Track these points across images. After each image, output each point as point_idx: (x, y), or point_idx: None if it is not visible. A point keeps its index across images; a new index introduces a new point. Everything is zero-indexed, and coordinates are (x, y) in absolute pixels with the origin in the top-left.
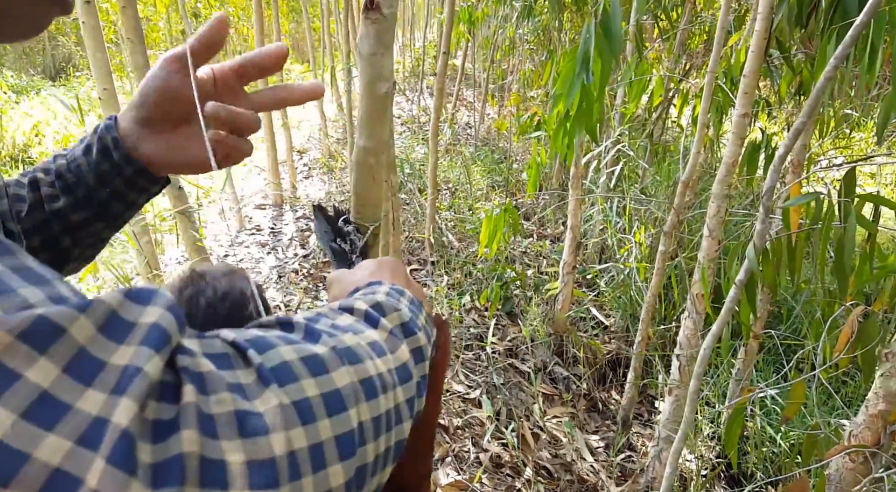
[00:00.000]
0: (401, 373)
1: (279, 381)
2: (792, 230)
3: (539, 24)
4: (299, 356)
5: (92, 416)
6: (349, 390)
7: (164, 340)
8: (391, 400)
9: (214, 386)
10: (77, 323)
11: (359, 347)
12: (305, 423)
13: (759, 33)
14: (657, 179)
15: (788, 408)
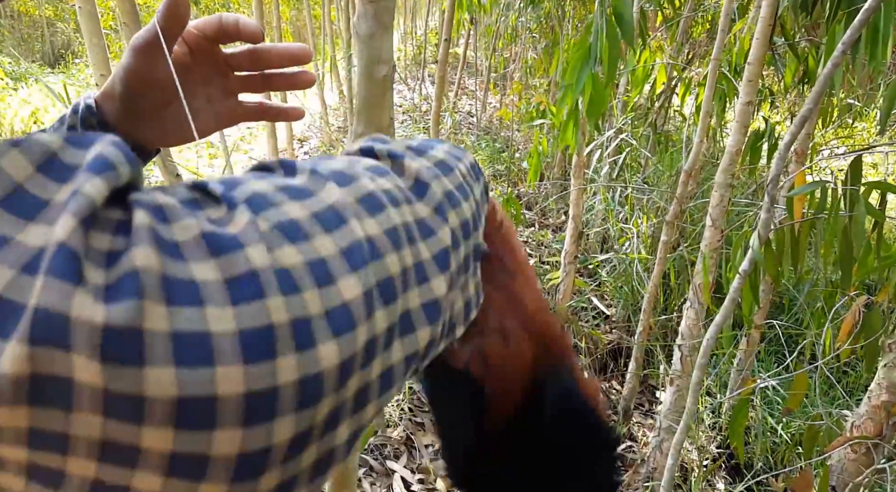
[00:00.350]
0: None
1: (254, 209)
2: (796, 219)
3: (542, 12)
4: (276, 186)
5: (37, 247)
6: (344, 207)
7: (106, 166)
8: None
9: (176, 215)
10: (9, 156)
11: (378, 194)
12: (295, 240)
13: (764, 20)
14: (659, 169)
15: (790, 400)
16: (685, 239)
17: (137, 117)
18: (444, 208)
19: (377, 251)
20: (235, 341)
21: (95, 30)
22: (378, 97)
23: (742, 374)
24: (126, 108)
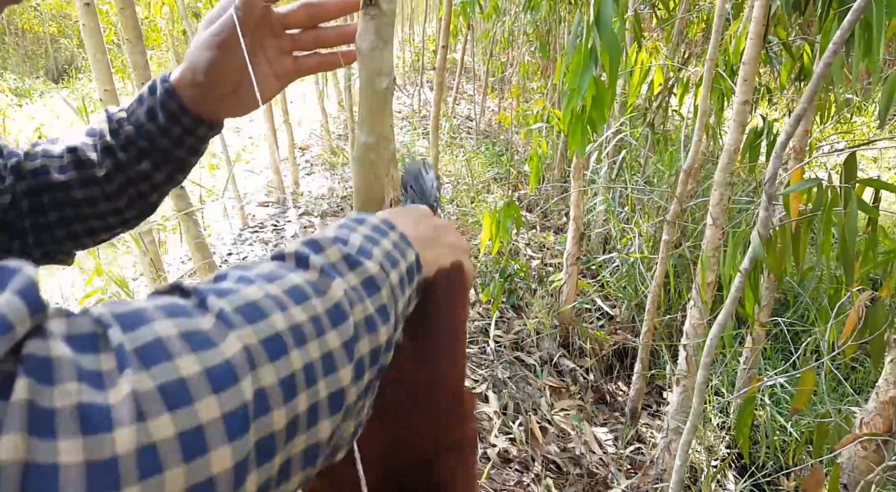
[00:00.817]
0: (332, 315)
1: (144, 362)
2: (793, 217)
3: (538, 17)
4: (178, 331)
5: None
6: (240, 357)
7: (1, 330)
8: (313, 351)
9: (61, 375)
10: None
11: (265, 300)
12: (173, 407)
13: (757, 20)
14: (659, 168)
15: (798, 397)
16: (687, 238)
17: (214, 100)
18: (353, 340)
19: (265, 406)
20: None
21: (99, 46)
22: (380, 108)
23: (748, 372)
24: (204, 95)
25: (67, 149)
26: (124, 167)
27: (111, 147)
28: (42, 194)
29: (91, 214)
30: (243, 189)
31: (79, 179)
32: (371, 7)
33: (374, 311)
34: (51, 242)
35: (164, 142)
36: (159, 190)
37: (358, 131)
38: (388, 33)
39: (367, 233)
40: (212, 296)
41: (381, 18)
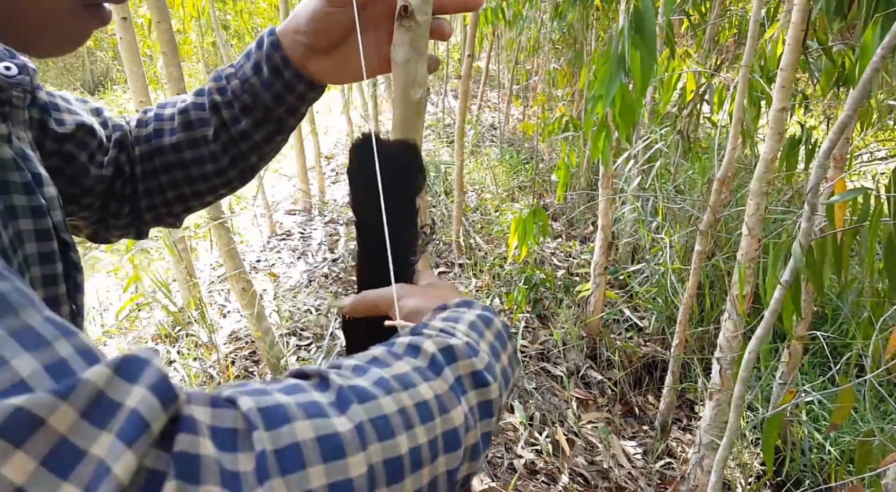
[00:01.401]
0: (447, 439)
1: (283, 468)
2: (837, 228)
3: (565, 24)
4: (315, 435)
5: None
6: (364, 480)
7: (140, 431)
8: (425, 477)
9: (207, 475)
10: (58, 412)
11: (396, 416)
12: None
13: (796, 25)
14: (690, 177)
15: (836, 414)
16: (720, 248)
17: (315, 52)
18: (458, 468)
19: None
20: None
21: (135, 59)
22: (413, 118)
23: (785, 387)
24: (306, 45)
25: (178, 111)
26: (227, 126)
27: (217, 105)
28: (154, 158)
29: (198, 175)
30: (271, 197)
31: (187, 140)
32: (406, 19)
33: (481, 437)
34: (162, 206)
35: (266, 97)
36: (259, 151)
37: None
38: (422, 45)
39: (492, 341)
40: (351, 396)
41: (416, 30)
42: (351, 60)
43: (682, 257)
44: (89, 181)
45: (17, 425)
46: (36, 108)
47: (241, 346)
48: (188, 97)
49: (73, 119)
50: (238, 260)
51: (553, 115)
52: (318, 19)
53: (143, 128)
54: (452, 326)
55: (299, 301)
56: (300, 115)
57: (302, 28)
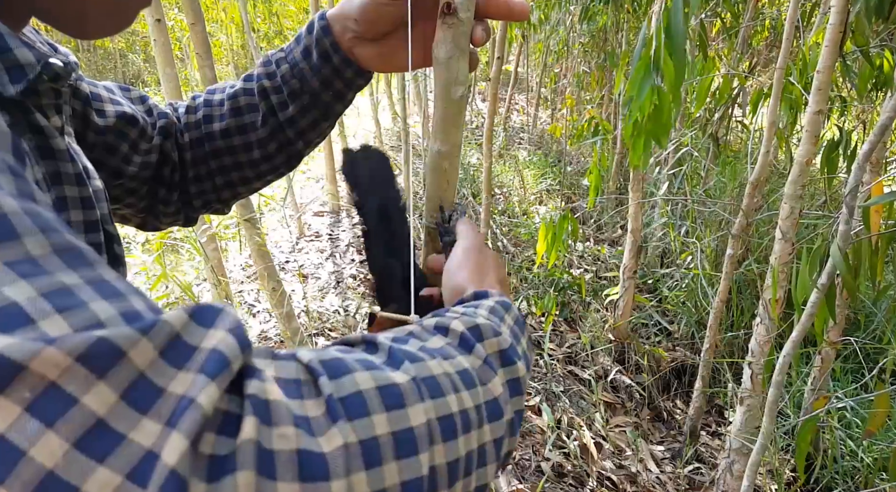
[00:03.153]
0: (491, 408)
1: (349, 413)
2: (872, 231)
3: (595, 27)
4: (375, 385)
5: (144, 449)
6: (424, 430)
7: (222, 367)
8: (474, 440)
9: (279, 417)
10: (138, 346)
11: (444, 378)
12: (370, 466)
13: (834, 27)
14: (721, 181)
15: (872, 420)
16: (751, 253)
17: (363, 38)
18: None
19: (433, 485)
20: None
21: (168, 61)
22: (454, 116)
23: (816, 393)
24: (355, 33)
25: (227, 96)
26: (275, 111)
27: (266, 90)
28: (204, 144)
29: (246, 161)
30: (300, 199)
31: (236, 126)
32: (449, 16)
33: (515, 414)
34: (211, 191)
35: (314, 82)
36: (305, 137)
37: (432, 140)
38: (464, 42)
39: (512, 326)
40: (401, 356)
41: (459, 27)
42: (397, 50)
43: (713, 262)
44: (134, 168)
45: (100, 355)
46: (78, 101)
47: (270, 346)
48: (238, 83)
49: (114, 109)
50: (269, 258)
51: (582, 118)
52: (369, 10)
53: (193, 114)
54: (474, 310)
55: (327, 302)
56: (347, 101)
57: (353, 15)
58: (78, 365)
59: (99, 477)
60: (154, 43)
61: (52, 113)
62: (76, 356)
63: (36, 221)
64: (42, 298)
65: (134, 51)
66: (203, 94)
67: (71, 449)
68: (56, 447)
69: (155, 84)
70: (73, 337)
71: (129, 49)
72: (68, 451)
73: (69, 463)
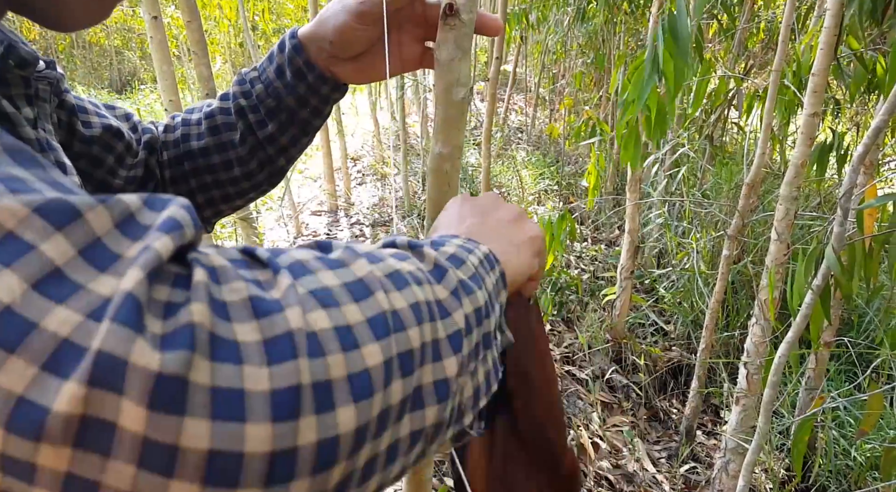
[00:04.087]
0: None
1: (294, 274)
2: (866, 233)
3: (591, 28)
4: (315, 256)
5: (103, 297)
6: (373, 280)
7: (175, 226)
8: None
9: (227, 277)
10: (95, 211)
11: (401, 275)
12: (327, 306)
13: (829, 30)
14: (717, 182)
15: (866, 420)
16: (747, 253)
17: (338, 59)
18: (458, 293)
19: (400, 323)
20: (266, 400)
21: (165, 58)
22: (456, 118)
23: (811, 393)
24: (330, 54)
25: (204, 115)
26: (254, 129)
27: (243, 109)
28: (183, 163)
29: (226, 179)
30: (297, 198)
31: (215, 145)
32: (451, 17)
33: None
34: None
35: (290, 100)
36: (286, 154)
37: (433, 141)
38: (466, 44)
39: (476, 263)
40: (358, 250)
41: (461, 29)
42: (374, 64)
43: (709, 262)
44: (119, 182)
45: (58, 211)
46: (64, 111)
47: None
48: (214, 102)
49: (99, 122)
50: None
51: (579, 119)
52: (345, 33)
53: (171, 133)
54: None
55: None
56: (324, 115)
57: (329, 38)
58: (35, 215)
59: (58, 315)
60: (151, 40)
61: (24, 103)
62: (34, 208)
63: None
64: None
65: (130, 48)
66: (181, 113)
67: (29, 289)
68: (14, 285)
69: (151, 81)
70: (29, 193)
71: (126, 47)
72: (26, 290)
73: (26, 301)
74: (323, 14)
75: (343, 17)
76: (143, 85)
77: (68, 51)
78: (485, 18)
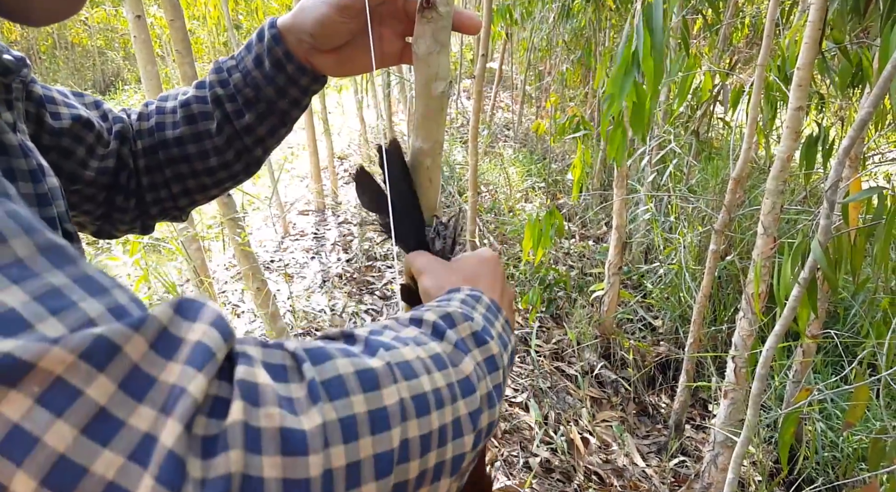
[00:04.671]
0: (463, 386)
1: (330, 395)
2: (851, 226)
3: (577, 25)
4: (354, 370)
5: (142, 432)
6: (397, 408)
7: (207, 358)
8: (447, 415)
9: (265, 399)
10: (132, 341)
11: (417, 361)
12: (347, 441)
13: (813, 24)
14: (704, 177)
15: (851, 412)
16: (734, 248)
17: (317, 51)
18: (479, 411)
19: (405, 455)
20: None
21: (149, 57)
22: (435, 113)
23: (799, 386)
24: (310, 45)
25: (180, 104)
26: (231, 119)
27: (220, 98)
28: (158, 151)
29: (202, 169)
30: (284, 197)
31: (191, 134)
32: (428, 10)
33: (493, 388)
34: (167, 199)
35: (269, 91)
36: (263, 144)
37: (413, 137)
38: (444, 37)
39: (484, 313)
40: (377, 345)
41: (439, 22)
42: (354, 57)
43: (696, 257)
44: (91, 173)
45: (100, 350)
46: (32, 103)
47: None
48: (190, 89)
49: (69, 112)
50: (252, 258)
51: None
52: (325, 26)
53: (145, 121)
54: (447, 302)
55: (313, 301)
56: (303, 106)
57: (308, 29)
58: (81, 361)
59: (104, 459)
60: (134, 40)
61: (3, 109)
62: (79, 354)
63: (19, 222)
64: (35, 302)
65: (113, 48)
66: (155, 101)
67: (79, 435)
68: (66, 433)
69: (135, 82)
70: (74, 336)
71: (108, 47)
72: (77, 436)
73: (78, 447)
74: (303, 4)
75: (324, 8)
76: (127, 85)
77: (51, 52)
78: (463, 16)
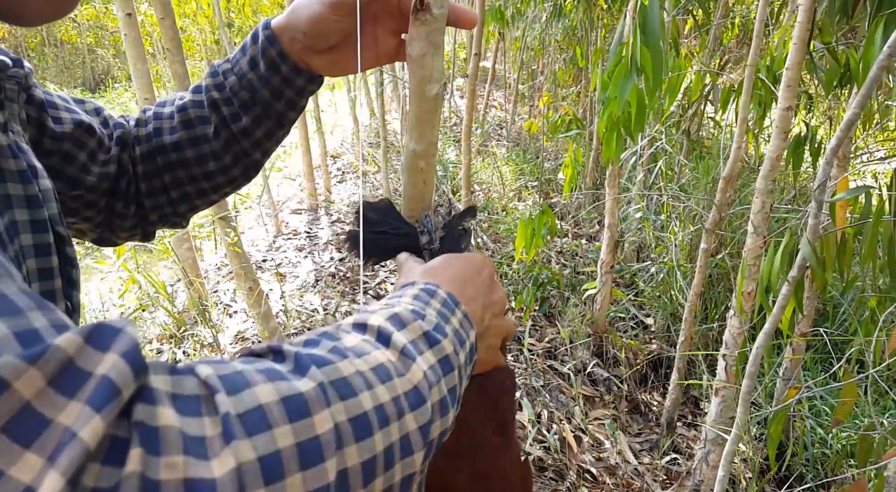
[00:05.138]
0: (412, 397)
1: (248, 429)
2: (838, 225)
3: (569, 24)
4: (278, 397)
5: (22, 485)
6: (331, 436)
7: (110, 397)
8: (393, 434)
9: (167, 445)
10: (25, 376)
11: (355, 377)
12: (269, 482)
13: (801, 25)
14: (694, 176)
15: (840, 409)
16: (724, 246)
17: (312, 51)
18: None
19: (345, 487)
20: None
21: (140, 55)
22: (429, 114)
23: (788, 383)
24: (304, 44)
25: (177, 109)
26: (228, 123)
27: (216, 102)
28: (156, 157)
29: (201, 173)
30: (277, 196)
31: (188, 139)
32: (422, 12)
33: (447, 392)
34: (166, 205)
35: (265, 92)
36: (261, 147)
37: (407, 138)
38: (438, 39)
39: (439, 308)
40: (308, 362)
41: (433, 24)
42: (348, 56)
43: (687, 255)
44: (92, 179)
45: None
46: (33, 107)
47: (248, 346)
48: (186, 95)
49: (70, 117)
50: (243, 257)
51: (557, 115)
52: (319, 24)
53: (143, 127)
54: (397, 300)
55: (306, 301)
56: (300, 108)
57: (302, 29)
58: None
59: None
60: (125, 38)
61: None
62: None
63: None
64: None
65: (103, 46)
66: (153, 107)
67: None
68: None
69: (125, 80)
70: None
71: (98, 44)
72: None
73: None
74: (297, 4)
75: (317, 7)
76: (118, 83)
77: (39, 49)
78: (458, 11)
